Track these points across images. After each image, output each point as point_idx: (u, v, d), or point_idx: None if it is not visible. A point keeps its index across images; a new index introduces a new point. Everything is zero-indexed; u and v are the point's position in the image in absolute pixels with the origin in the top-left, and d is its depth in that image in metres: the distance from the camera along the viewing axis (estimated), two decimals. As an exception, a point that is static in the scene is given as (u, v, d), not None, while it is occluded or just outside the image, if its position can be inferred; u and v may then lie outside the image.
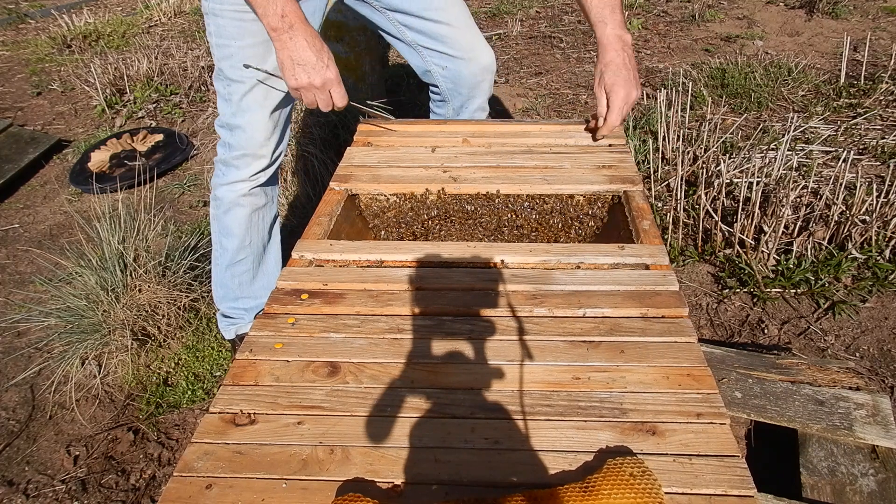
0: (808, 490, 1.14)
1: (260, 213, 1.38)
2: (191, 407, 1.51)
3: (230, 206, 1.34)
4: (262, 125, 1.24)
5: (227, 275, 1.45)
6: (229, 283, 1.47)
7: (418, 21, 1.31)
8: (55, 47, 3.76)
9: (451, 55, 1.35)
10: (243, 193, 1.32)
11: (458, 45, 1.35)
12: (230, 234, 1.38)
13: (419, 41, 1.35)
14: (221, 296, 1.51)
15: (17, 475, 1.37)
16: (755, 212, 1.70)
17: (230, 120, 1.25)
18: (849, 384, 1.28)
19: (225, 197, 1.33)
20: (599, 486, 0.56)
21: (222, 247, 1.42)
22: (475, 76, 1.39)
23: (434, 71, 1.39)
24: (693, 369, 0.73)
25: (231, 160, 1.29)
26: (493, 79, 1.45)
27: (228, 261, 1.42)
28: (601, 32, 1.18)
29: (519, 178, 1.14)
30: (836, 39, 3.11)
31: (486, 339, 0.78)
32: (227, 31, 1.16)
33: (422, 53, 1.37)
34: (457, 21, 1.33)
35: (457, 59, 1.36)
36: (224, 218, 1.37)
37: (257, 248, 1.42)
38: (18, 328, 1.70)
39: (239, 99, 1.21)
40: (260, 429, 0.68)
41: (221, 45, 1.18)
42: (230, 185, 1.31)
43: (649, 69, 3.00)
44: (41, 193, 2.45)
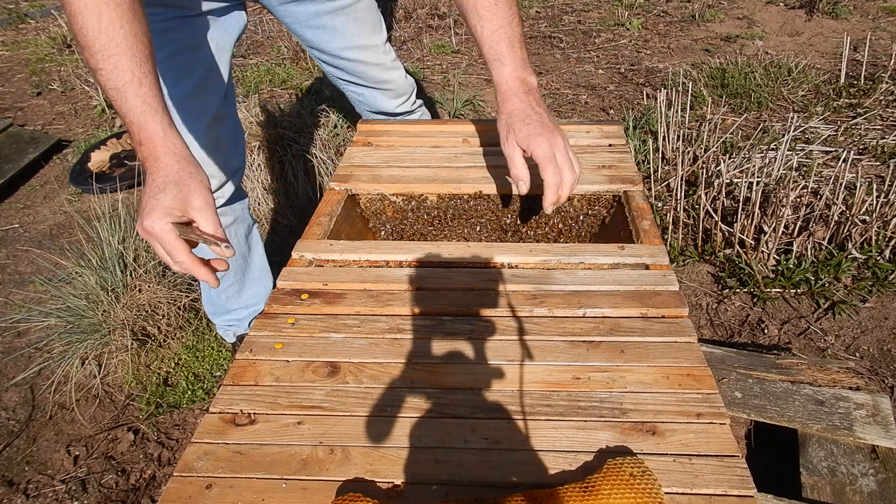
0: (808, 490, 1.14)
1: (231, 231, 1.32)
2: (191, 407, 1.51)
3: None
4: (197, 146, 1.13)
5: (212, 293, 1.44)
6: (217, 300, 1.46)
7: (334, 59, 1.32)
8: (55, 47, 3.76)
9: (366, 86, 1.37)
10: None
11: (374, 80, 1.36)
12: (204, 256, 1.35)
13: (335, 73, 1.37)
14: (213, 311, 1.50)
15: (17, 475, 1.37)
16: (755, 212, 1.70)
17: None
18: (849, 384, 1.28)
19: None
20: (599, 486, 0.56)
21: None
22: (391, 101, 1.42)
23: (350, 97, 1.43)
24: (693, 369, 0.73)
25: None
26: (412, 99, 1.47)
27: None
28: (498, 74, 0.95)
29: (519, 178, 1.13)
30: (836, 39, 3.11)
31: (486, 339, 0.78)
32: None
33: (339, 84, 1.40)
34: (373, 59, 1.34)
35: (373, 90, 1.38)
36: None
37: (237, 262, 1.39)
38: (18, 328, 1.70)
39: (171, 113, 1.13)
40: (260, 429, 0.68)
41: None
42: None
43: (649, 69, 3.00)
44: (41, 193, 2.45)
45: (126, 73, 0.76)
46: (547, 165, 0.89)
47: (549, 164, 0.89)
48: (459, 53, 3.33)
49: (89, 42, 0.75)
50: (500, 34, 0.93)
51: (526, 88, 0.94)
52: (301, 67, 3.21)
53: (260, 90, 3.02)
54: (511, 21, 0.93)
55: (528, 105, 0.93)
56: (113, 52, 0.75)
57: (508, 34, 0.93)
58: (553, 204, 0.91)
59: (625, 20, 3.54)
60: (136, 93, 0.76)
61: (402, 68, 1.42)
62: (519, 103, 0.93)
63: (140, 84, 0.77)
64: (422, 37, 3.53)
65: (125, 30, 0.76)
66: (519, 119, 0.92)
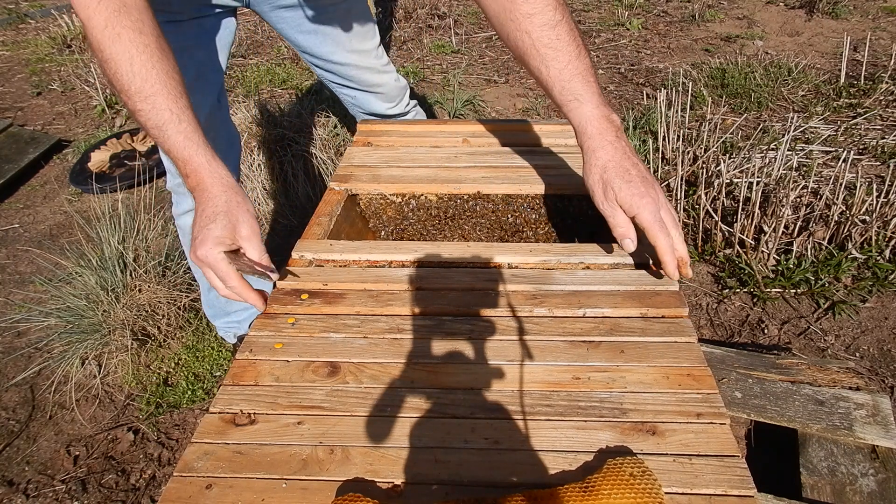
0: (808, 490, 1.14)
1: None
2: (191, 407, 1.51)
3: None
4: None
5: (211, 296, 1.44)
6: (215, 303, 1.46)
7: (326, 63, 1.33)
8: (55, 47, 3.76)
9: (359, 89, 1.38)
10: None
11: (366, 83, 1.37)
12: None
13: (328, 77, 1.37)
14: (212, 314, 1.50)
15: (17, 475, 1.37)
16: (755, 212, 1.70)
17: None
18: (849, 384, 1.28)
19: (186, 226, 1.29)
20: (599, 486, 0.56)
21: (198, 271, 1.41)
22: (384, 103, 1.42)
23: (342, 99, 1.43)
24: (693, 369, 0.73)
25: (176, 188, 1.25)
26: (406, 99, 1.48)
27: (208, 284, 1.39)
28: (578, 115, 0.83)
29: (519, 178, 1.14)
30: (836, 39, 3.11)
31: (486, 339, 0.78)
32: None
33: (332, 87, 1.40)
34: (365, 63, 1.34)
35: (365, 92, 1.39)
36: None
37: None
38: (18, 328, 1.70)
39: None
40: (260, 429, 0.68)
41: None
42: (187, 213, 1.27)
43: (649, 69, 3.00)
44: (41, 193, 2.45)
45: (164, 111, 0.79)
46: (658, 231, 0.79)
47: (660, 228, 0.79)
48: (459, 53, 3.33)
49: (125, 86, 0.78)
50: (570, 70, 0.83)
51: (615, 131, 0.83)
52: (301, 67, 3.21)
53: (260, 90, 3.02)
54: (579, 54, 0.83)
55: (623, 154, 0.82)
56: (149, 94, 0.78)
57: (580, 69, 0.83)
58: (674, 269, 0.81)
59: (625, 20, 3.54)
60: (177, 129, 0.80)
61: (394, 72, 1.42)
62: (613, 152, 0.82)
63: (179, 121, 0.80)
64: (422, 37, 3.53)
65: (157, 69, 0.78)
66: (617, 175, 0.81)
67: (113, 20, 0.77)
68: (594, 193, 0.84)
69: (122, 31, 0.77)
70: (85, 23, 0.78)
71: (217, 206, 0.80)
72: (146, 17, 0.79)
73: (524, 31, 0.83)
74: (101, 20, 0.76)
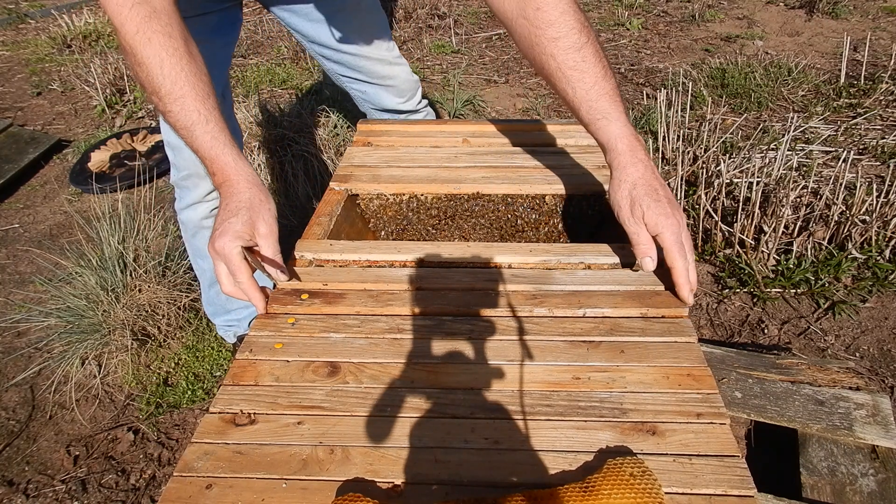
0: (808, 490, 1.14)
1: None
2: (191, 407, 1.51)
3: (196, 230, 1.31)
4: None
5: (211, 293, 1.44)
6: (216, 300, 1.46)
7: (335, 53, 1.31)
8: (55, 47, 3.76)
9: (369, 82, 1.37)
10: (205, 216, 1.28)
11: (377, 75, 1.36)
12: (204, 256, 1.34)
13: (337, 70, 1.36)
14: (212, 312, 1.50)
15: (17, 475, 1.37)
16: (755, 212, 1.70)
17: (169, 137, 1.19)
18: (849, 384, 1.28)
19: (189, 221, 1.30)
20: (599, 486, 0.56)
21: (199, 268, 1.40)
22: (394, 97, 1.41)
23: (353, 94, 1.42)
24: (693, 369, 0.73)
25: (180, 181, 1.25)
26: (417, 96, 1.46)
27: (210, 280, 1.40)
28: (606, 134, 0.85)
29: (519, 178, 1.14)
30: (836, 39, 3.11)
31: (486, 339, 0.78)
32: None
33: (341, 81, 1.39)
34: (375, 53, 1.33)
35: (375, 85, 1.38)
36: (193, 241, 1.34)
37: None
38: (18, 328, 1.70)
39: None
40: (260, 429, 0.68)
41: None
42: (190, 208, 1.28)
43: (649, 69, 3.00)
44: (41, 193, 2.46)
45: (193, 112, 0.81)
46: (677, 254, 0.80)
47: (678, 251, 0.80)
48: (459, 53, 3.34)
49: (156, 87, 0.81)
50: (596, 91, 0.84)
51: (644, 150, 0.85)
52: (301, 67, 3.21)
53: (260, 90, 3.02)
54: (605, 75, 0.85)
55: (653, 174, 0.84)
56: (178, 95, 0.81)
57: (606, 88, 0.85)
58: (689, 293, 0.82)
59: (625, 20, 3.54)
60: (204, 130, 0.83)
61: (406, 65, 1.41)
62: (644, 171, 0.84)
63: (206, 122, 0.82)
64: (422, 37, 3.53)
65: (185, 72, 0.81)
66: (647, 194, 0.82)
67: (144, 25, 0.79)
68: (621, 208, 0.84)
69: (153, 35, 0.79)
70: (118, 28, 0.80)
71: (240, 202, 0.82)
72: (175, 22, 0.81)
73: (549, 55, 0.84)
74: (133, 25, 0.79)
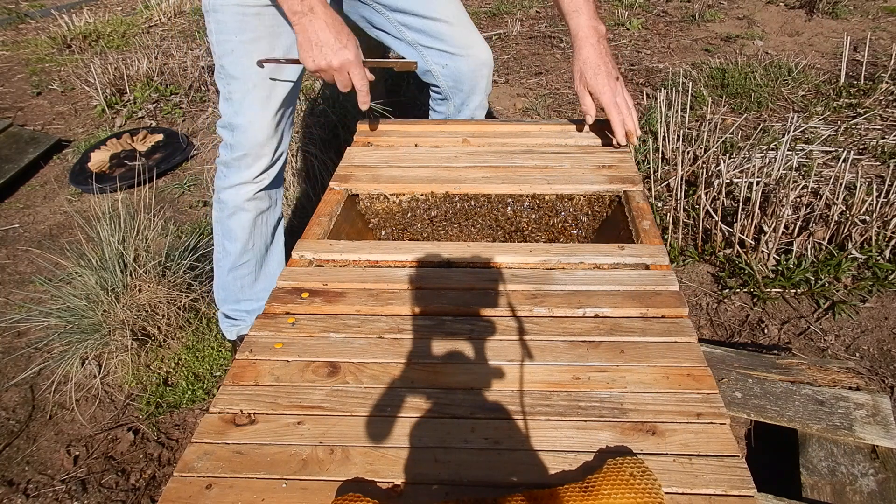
0: (808, 490, 1.14)
1: (264, 217, 1.37)
2: (191, 407, 1.51)
3: (234, 211, 1.33)
4: (265, 124, 1.23)
5: (229, 278, 1.44)
6: (231, 286, 1.45)
7: (417, 20, 1.31)
8: (55, 47, 3.76)
9: (450, 52, 1.35)
10: (248, 198, 1.31)
11: (457, 43, 1.35)
12: (234, 239, 1.37)
13: (419, 40, 1.35)
14: (223, 298, 1.50)
15: (17, 475, 1.37)
16: (755, 212, 1.70)
17: (232, 119, 1.24)
18: (849, 384, 1.28)
19: (230, 201, 1.32)
20: (599, 486, 0.56)
21: (225, 250, 1.41)
22: (474, 72, 1.39)
23: (434, 70, 1.40)
24: (693, 369, 0.73)
25: (232, 161, 1.28)
26: (491, 75, 1.45)
27: (231, 264, 1.41)
28: (575, 23, 1.15)
29: (519, 178, 1.14)
30: (836, 39, 3.11)
31: (486, 339, 0.78)
32: (229, 27, 1.15)
33: (422, 53, 1.37)
34: (454, 18, 1.33)
35: (456, 57, 1.36)
36: (228, 221, 1.35)
37: (260, 252, 1.41)
38: (18, 328, 1.70)
39: (241, 97, 1.20)
40: (260, 429, 0.68)
41: (222, 42, 1.17)
42: (234, 188, 1.30)
43: (649, 69, 3.00)
44: (41, 193, 2.46)
45: None
46: (612, 109, 1.15)
47: (614, 107, 1.14)
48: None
49: None
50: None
51: (598, 36, 1.14)
52: (301, 67, 3.20)
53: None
54: None
55: (599, 55, 1.14)
56: None
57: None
58: (623, 136, 1.17)
59: (625, 20, 3.54)
60: None
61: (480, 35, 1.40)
62: (592, 52, 1.14)
63: None
64: (422, 37, 3.53)
65: None
66: (590, 68, 1.14)
67: None
68: (574, 80, 1.18)
69: None
70: None
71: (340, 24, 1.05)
72: None
73: None
74: None
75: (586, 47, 1.14)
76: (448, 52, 1.35)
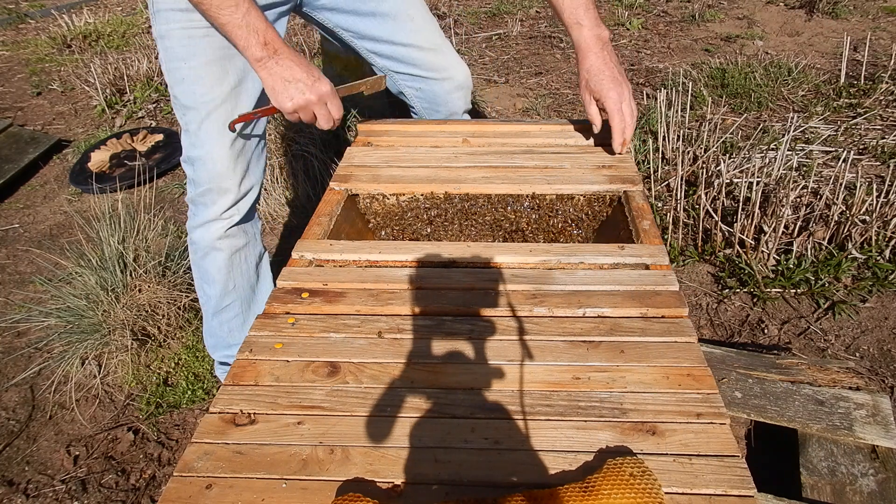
0: (808, 490, 1.14)
1: (241, 255, 1.29)
2: (191, 407, 1.51)
3: (207, 251, 1.25)
4: (223, 154, 1.15)
5: (214, 323, 1.36)
6: (218, 332, 1.37)
7: (388, 47, 1.29)
8: (55, 47, 3.76)
9: (424, 77, 1.34)
10: (219, 236, 1.23)
11: (431, 67, 1.33)
12: (211, 281, 1.29)
13: (390, 66, 1.33)
14: (213, 345, 1.42)
15: (17, 475, 1.37)
16: (755, 212, 1.70)
17: (190, 152, 1.17)
18: (849, 384, 1.28)
19: (200, 240, 1.24)
20: (599, 486, 0.56)
21: (205, 294, 1.33)
22: (450, 94, 1.38)
23: (408, 93, 1.39)
24: (693, 369, 0.73)
25: (197, 198, 1.21)
26: (470, 94, 1.44)
27: (214, 308, 1.33)
28: (577, 35, 1.14)
29: (519, 178, 1.14)
30: (836, 39, 3.11)
31: (486, 339, 0.78)
32: (177, 53, 1.09)
33: (394, 77, 1.35)
34: (427, 43, 1.30)
35: (430, 80, 1.34)
36: (202, 263, 1.28)
37: (243, 292, 1.33)
38: (18, 328, 1.70)
39: (196, 128, 1.13)
40: (260, 429, 0.68)
41: (172, 70, 1.11)
42: (203, 226, 1.22)
43: (649, 69, 3.00)
44: (41, 193, 2.46)
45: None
46: (615, 115, 1.13)
47: (617, 113, 1.12)
48: (459, 53, 3.33)
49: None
50: (577, 1, 1.13)
51: (601, 44, 1.13)
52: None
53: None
54: None
55: (602, 61, 1.13)
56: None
57: (584, 1, 1.13)
58: (620, 144, 1.16)
59: (625, 20, 3.54)
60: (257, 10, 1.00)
61: (457, 55, 1.38)
62: (595, 60, 1.13)
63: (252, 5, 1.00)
64: (422, 37, 3.52)
65: None
66: (594, 75, 1.13)
67: None
68: (580, 88, 1.17)
69: None
70: None
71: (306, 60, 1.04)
72: None
73: None
74: None
75: (590, 56, 1.13)
76: (421, 76, 1.33)
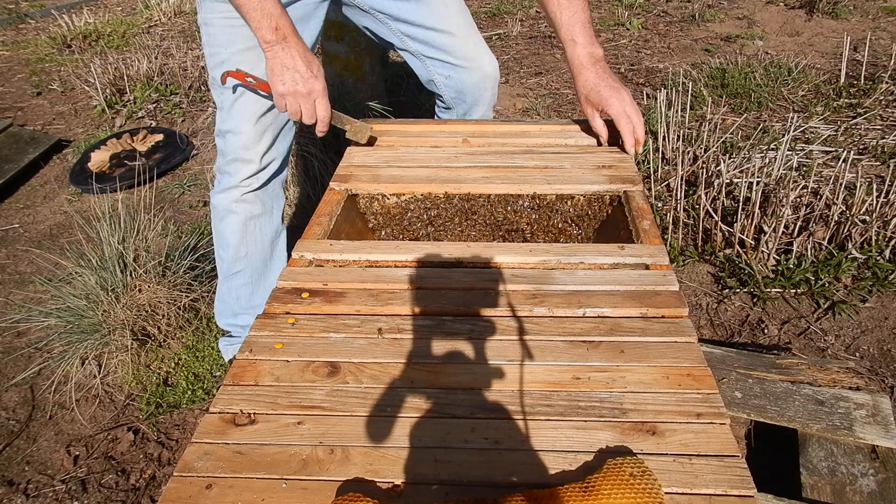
0: (808, 490, 1.14)
1: (256, 223, 1.36)
2: (191, 407, 1.51)
3: (224, 214, 1.34)
4: (248, 128, 1.24)
5: (224, 288, 1.43)
6: (227, 298, 1.45)
7: (421, 31, 1.31)
8: (55, 47, 3.76)
9: (454, 64, 1.35)
10: (235, 199, 1.31)
11: (462, 54, 1.34)
12: (225, 244, 1.37)
13: (422, 51, 1.35)
14: (220, 311, 1.49)
15: (17, 475, 1.37)
16: (755, 212, 1.70)
17: (221, 126, 1.26)
18: (849, 384, 1.28)
19: (219, 204, 1.33)
20: (599, 486, 0.56)
21: (220, 257, 1.41)
22: (478, 84, 1.39)
23: (437, 80, 1.40)
24: (693, 369, 0.73)
25: (223, 166, 1.30)
26: (497, 87, 1.44)
27: (225, 272, 1.40)
28: (571, 52, 1.18)
29: (519, 178, 1.14)
30: (836, 39, 3.11)
31: (486, 339, 0.78)
32: (218, 40, 1.19)
33: (425, 63, 1.37)
34: (459, 30, 1.32)
35: (460, 68, 1.36)
36: (219, 226, 1.36)
37: (255, 262, 1.40)
38: (18, 328, 1.70)
39: (230, 105, 1.23)
40: (260, 429, 0.68)
41: (213, 54, 1.21)
42: (224, 192, 1.31)
43: (649, 69, 3.00)
44: (41, 193, 2.46)
45: None
46: (621, 119, 1.15)
47: (623, 117, 1.15)
48: (459, 53, 3.33)
49: None
50: (574, 19, 1.16)
51: (594, 61, 1.17)
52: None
53: (260, 90, 3.02)
54: (584, 7, 1.17)
55: (597, 75, 1.17)
56: None
57: (581, 18, 1.17)
58: (632, 146, 1.17)
59: (625, 20, 3.54)
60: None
61: (486, 46, 1.39)
62: (590, 75, 1.17)
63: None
64: (422, 37, 3.52)
65: None
66: (592, 88, 1.17)
67: None
68: (580, 103, 1.22)
69: None
70: None
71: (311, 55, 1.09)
72: None
73: None
74: None
75: (584, 72, 1.17)
76: (452, 63, 1.35)
